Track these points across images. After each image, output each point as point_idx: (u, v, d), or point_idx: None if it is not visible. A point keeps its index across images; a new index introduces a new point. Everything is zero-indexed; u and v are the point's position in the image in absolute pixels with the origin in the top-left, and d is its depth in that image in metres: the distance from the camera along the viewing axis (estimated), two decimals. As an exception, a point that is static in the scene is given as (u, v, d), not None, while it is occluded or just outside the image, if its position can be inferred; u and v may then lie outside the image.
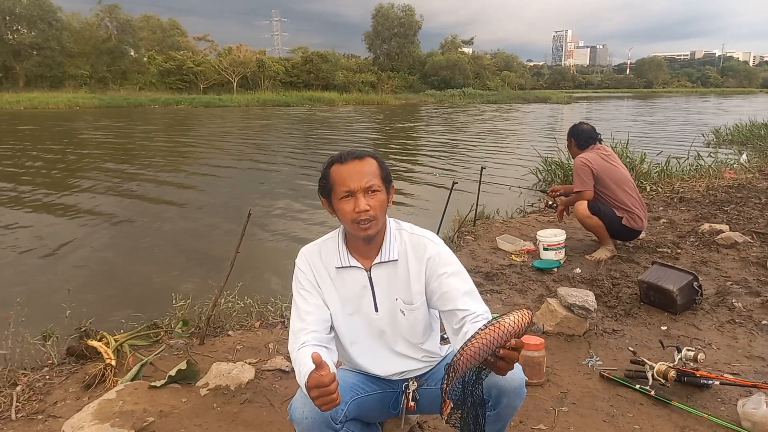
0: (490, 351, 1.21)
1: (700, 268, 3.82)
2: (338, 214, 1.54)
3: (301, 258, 1.64)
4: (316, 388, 1.24)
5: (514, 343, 1.20)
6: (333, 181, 1.51)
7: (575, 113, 33.03)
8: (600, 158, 4.03)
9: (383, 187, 1.52)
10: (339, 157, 1.53)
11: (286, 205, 7.52)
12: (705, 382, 2.26)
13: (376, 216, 1.49)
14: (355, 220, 1.48)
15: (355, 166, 1.49)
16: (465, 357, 1.23)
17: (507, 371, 1.24)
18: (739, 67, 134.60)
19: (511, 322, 1.21)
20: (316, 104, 41.54)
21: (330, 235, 1.67)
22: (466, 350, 1.23)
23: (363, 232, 1.50)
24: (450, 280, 1.54)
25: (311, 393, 1.26)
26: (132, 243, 5.77)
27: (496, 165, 10.53)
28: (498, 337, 1.21)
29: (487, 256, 4.29)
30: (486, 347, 1.21)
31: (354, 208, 1.48)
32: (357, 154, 1.52)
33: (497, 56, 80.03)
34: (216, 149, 14.15)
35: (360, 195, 1.48)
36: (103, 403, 2.16)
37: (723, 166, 8.11)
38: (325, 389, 1.23)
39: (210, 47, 59.50)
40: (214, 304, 2.91)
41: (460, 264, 1.60)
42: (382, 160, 1.57)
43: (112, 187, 8.75)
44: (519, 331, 1.21)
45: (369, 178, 1.49)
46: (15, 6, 44.30)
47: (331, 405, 1.26)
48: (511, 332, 1.20)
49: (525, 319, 1.23)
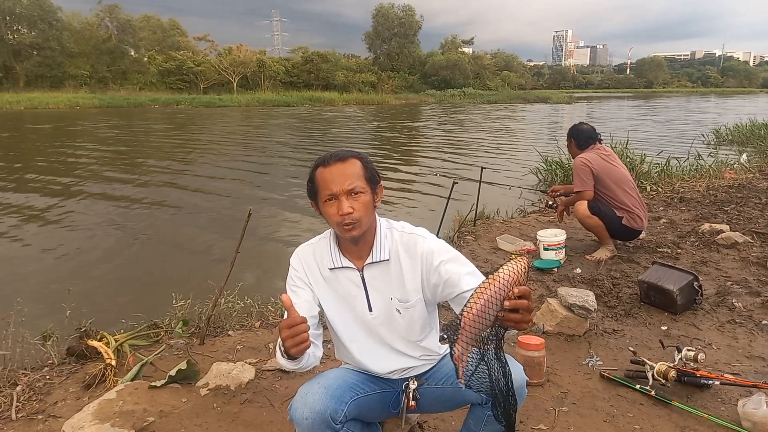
0: (497, 305, 1.15)
1: (700, 268, 3.82)
2: (324, 217, 1.56)
3: (296, 257, 1.66)
4: (287, 328, 1.27)
5: (518, 291, 1.15)
6: (317, 184, 1.52)
7: (576, 113, 33.03)
8: (600, 158, 4.03)
9: (368, 188, 1.52)
10: (323, 160, 1.53)
11: (287, 205, 7.52)
12: (705, 382, 2.26)
13: (359, 218, 1.49)
14: (340, 223, 1.49)
15: (338, 169, 1.49)
16: (472, 316, 1.17)
17: (524, 323, 1.19)
18: (739, 67, 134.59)
19: (507, 271, 1.15)
20: (316, 104, 41.55)
21: (323, 235, 1.68)
22: (471, 309, 1.17)
23: (348, 233, 1.51)
24: (448, 266, 1.54)
25: (282, 334, 1.28)
26: (132, 243, 5.78)
27: (497, 165, 10.53)
28: (499, 289, 1.15)
29: (488, 256, 4.29)
30: (490, 302, 1.15)
31: (337, 211, 1.48)
32: (340, 156, 1.52)
33: (497, 56, 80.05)
34: (216, 149, 14.16)
35: (343, 198, 1.48)
36: (104, 403, 2.16)
37: (723, 166, 8.11)
38: (297, 328, 1.27)
39: (210, 47, 59.56)
40: (215, 304, 2.91)
41: (454, 250, 1.60)
42: (367, 160, 1.56)
43: (112, 188, 8.75)
44: (518, 278, 1.16)
45: (351, 180, 1.49)
46: (15, 6, 44.32)
47: (301, 347, 1.28)
48: (510, 281, 1.15)
49: (521, 266, 1.17)
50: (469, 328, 1.18)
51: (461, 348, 1.20)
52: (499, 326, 1.21)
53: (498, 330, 1.22)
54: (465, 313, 1.18)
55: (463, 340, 1.19)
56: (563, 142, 4.79)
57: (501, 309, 1.16)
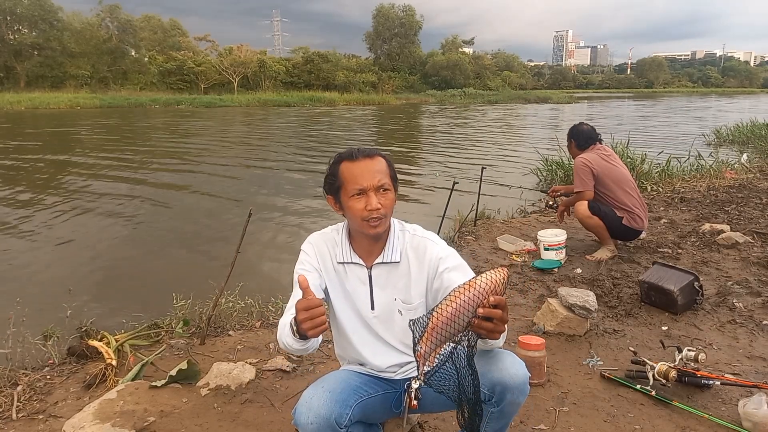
0: (471, 311, 1.13)
1: (700, 268, 3.81)
2: (347, 212, 1.55)
3: (308, 244, 1.66)
4: (304, 310, 1.25)
5: (494, 300, 1.15)
6: (343, 178, 1.52)
7: (577, 113, 33.01)
8: (600, 158, 4.03)
9: (392, 186, 1.54)
10: (349, 155, 1.53)
11: (288, 205, 7.52)
12: (706, 382, 2.26)
13: (386, 214, 1.51)
14: (366, 218, 1.49)
15: (366, 164, 1.50)
16: (443, 318, 1.15)
17: (497, 333, 1.18)
18: (740, 67, 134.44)
19: (485, 279, 1.14)
20: (317, 104, 41.54)
21: (335, 227, 1.68)
22: (444, 311, 1.15)
23: (372, 230, 1.51)
24: (451, 274, 1.55)
25: (300, 316, 1.26)
26: (132, 243, 5.78)
27: (497, 165, 10.53)
28: (474, 295, 1.13)
29: (488, 256, 4.29)
30: (464, 307, 1.13)
31: (366, 206, 1.49)
32: (367, 152, 1.53)
33: (498, 56, 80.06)
34: (217, 150, 14.16)
35: (372, 193, 1.49)
36: (104, 402, 2.16)
37: (724, 166, 8.11)
38: (315, 310, 1.25)
39: (211, 47, 59.59)
40: (215, 304, 2.91)
41: (460, 258, 1.62)
42: (390, 159, 1.58)
43: (112, 188, 8.75)
44: (495, 287, 1.14)
45: (381, 176, 1.50)
46: (16, 6, 44.37)
47: (319, 329, 1.27)
48: (486, 289, 1.13)
49: (500, 276, 1.16)
50: (439, 329, 1.16)
51: (427, 347, 1.19)
52: (471, 333, 1.20)
53: (470, 337, 1.21)
54: (436, 313, 1.17)
55: (431, 341, 1.18)
56: (564, 142, 4.79)
57: (474, 316, 1.15)
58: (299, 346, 1.41)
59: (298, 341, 1.39)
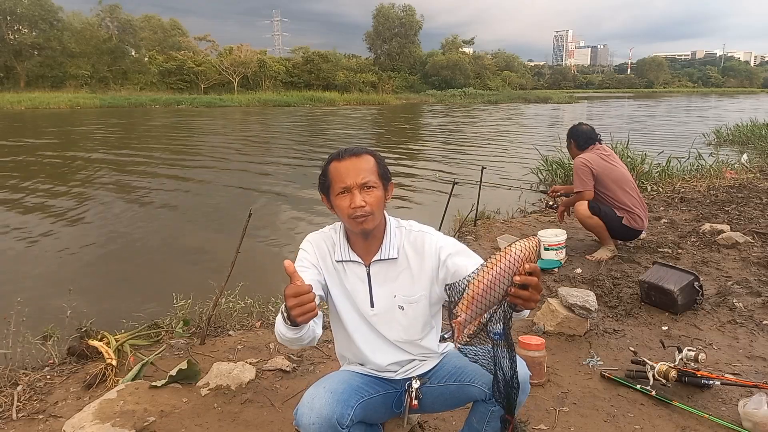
0: (507, 279, 1.13)
1: (701, 268, 3.81)
2: (336, 210, 1.58)
3: (307, 242, 1.68)
4: (293, 296, 1.25)
5: (529, 268, 1.14)
6: (331, 177, 1.55)
7: (577, 113, 33.01)
8: (600, 158, 4.03)
9: (380, 184, 1.55)
10: (337, 155, 1.56)
11: (288, 205, 7.52)
12: (706, 382, 2.26)
13: (372, 212, 1.52)
14: (351, 216, 1.52)
15: (353, 163, 1.53)
16: (482, 286, 1.13)
17: (533, 301, 1.17)
18: (740, 67, 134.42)
19: (519, 246, 1.13)
20: (317, 104, 41.54)
21: (332, 227, 1.69)
22: (482, 279, 1.13)
23: (359, 226, 1.53)
24: (455, 259, 1.56)
25: (289, 302, 1.26)
26: (132, 243, 5.78)
27: (497, 165, 10.53)
28: (510, 263, 1.12)
29: (488, 256, 4.28)
30: (501, 275, 1.12)
31: (350, 203, 1.51)
32: (354, 151, 1.56)
33: (498, 56, 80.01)
34: (216, 150, 14.15)
35: (356, 191, 1.51)
36: (104, 402, 2.16)
37: (724, 166, 8.11)
38: (304, 297, 1.25)
39: (211, 47, 59.53)
40: (215, 304, 2.92)
41: (460, 244, 1.62)
42: (380, 157, 1.60)
43: (112, 189, 8.76)
44: (529, 255, 1.14)
45: (365, 174, 1.52)
46: (16, 6, 44.35)
47: (309, 315, 1.26)
48: (520, 256, 1.12)
49: (533, 244, 1.15)
50: (479, 297, 1.15)
51: (467, 315, 1.17)
52: (507, 305, 1.18)
53: (507, 310, 1.20)
54: (474, 282, 1.15)
55: (471, 309, 1.16)
56: (564, 142, 4.79)
57: (511, 284, 1.14)
58: (292, 335, 1.40)
59: (291, 329, 1.37)
